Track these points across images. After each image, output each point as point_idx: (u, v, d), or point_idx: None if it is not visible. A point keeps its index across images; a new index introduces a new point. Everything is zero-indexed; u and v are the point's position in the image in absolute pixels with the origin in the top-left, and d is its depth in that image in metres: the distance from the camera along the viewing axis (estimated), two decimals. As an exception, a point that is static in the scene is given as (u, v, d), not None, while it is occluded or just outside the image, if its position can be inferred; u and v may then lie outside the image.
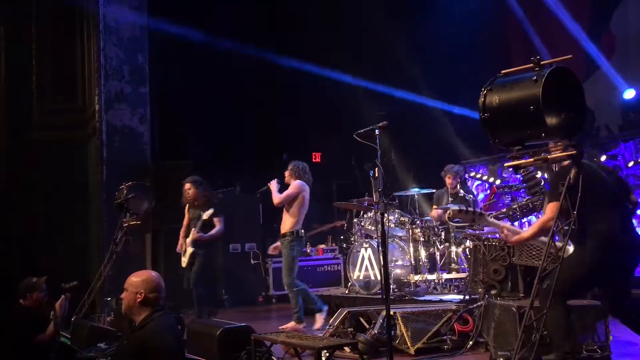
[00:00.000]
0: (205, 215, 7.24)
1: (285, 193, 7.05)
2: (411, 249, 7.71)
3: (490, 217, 4.73)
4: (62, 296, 5.03)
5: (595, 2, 9.84)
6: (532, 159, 4.06)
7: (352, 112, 10.68)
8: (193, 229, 7.30)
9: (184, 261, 7.36)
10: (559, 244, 4.16)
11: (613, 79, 8.95)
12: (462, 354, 5.39)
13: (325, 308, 7.02)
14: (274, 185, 7.12)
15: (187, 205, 7.59)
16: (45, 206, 9.18)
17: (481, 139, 4.41)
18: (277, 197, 7.04)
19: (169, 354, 3.53)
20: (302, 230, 7.11)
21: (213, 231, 7.31)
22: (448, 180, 8.01)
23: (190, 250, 7.28)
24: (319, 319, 6.89)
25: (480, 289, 5.96)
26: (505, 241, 4.43)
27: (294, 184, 7.09)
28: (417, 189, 8.45)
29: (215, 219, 7.35)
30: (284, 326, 6.91)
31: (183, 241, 7.45)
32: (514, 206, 6.60)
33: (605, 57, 9.35)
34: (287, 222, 7.04)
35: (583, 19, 9.66)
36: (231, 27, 10.84)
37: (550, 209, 4.14)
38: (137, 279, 3.76)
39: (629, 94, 8.77)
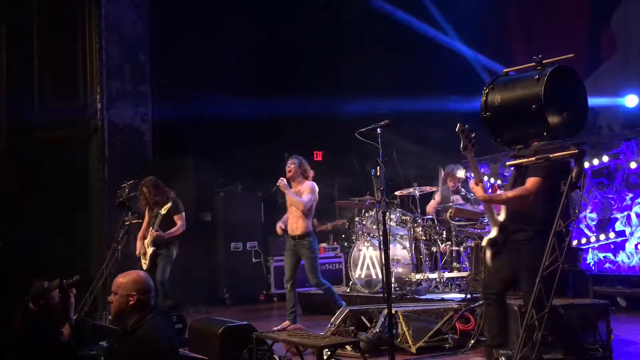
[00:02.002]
0: (164, 210, 6.99)
1: (309, 199, 6.87)
2: (413, 248, 7.71)
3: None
4: (71, 296, 4.85)
5: (595, 1, 9.82)
6: (533, 158, 4.06)
7: (355, 109, 10.67)
8: (151, 228, 7.09)
9: (145, 263, 7.14)
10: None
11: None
12: (464, 353, 5.39)
13: (344, 304, 6.89)
14: (286, 185, 6.85)
15: (147, 208, 7.35)
16: (46, 205, 9.18)
17: (483, 138, 4.41)
18: (301, 203, 6.80)
19: (163, 358, 3.48)
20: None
21: (173, 229, 7.10)
22: (450, 183, 8.04)
23: (150, 250, 7.07)
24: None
25: (481, 288, 5.96)
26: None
27: (312, 187, 6.95)
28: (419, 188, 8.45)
29: (176, 217, 7.15)
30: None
31: (141, 244, 7.22)
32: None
33: (606, 56, 9.34)
34: (303, 223, 6.88)
35: (583, 18, 9.65)
36: (233, 25, 10.84)
37: (533, 183, 3.99)
38: (127, 281, 3.59)
39: (631, 101, 8.61)
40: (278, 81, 11.24)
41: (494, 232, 4.24)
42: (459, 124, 4.10)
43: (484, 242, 4.31)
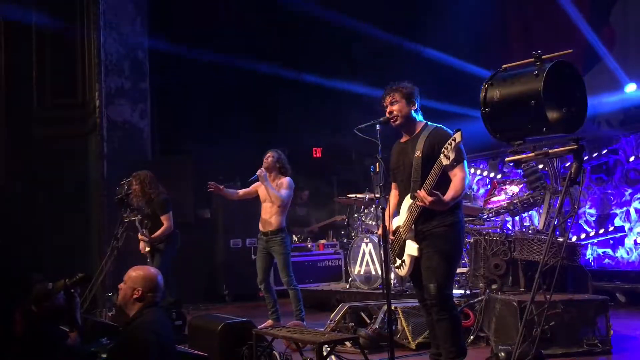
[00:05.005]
0: (133, 216, 6.95)
1: (287, 194, 6.66)
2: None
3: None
4: (76, 296, 4.68)
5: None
6: (533, 154, 4.06)
7: (353, 106, 10.67)
8: (141, 230, 7.05)
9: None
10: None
11: (614, 72, 8.87)
12: (463, 349, 5.39)
13: (304, 322, 6.55)
14: (265, 176, 6.61)
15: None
16: (45, 202, 9.19)
17: (482, 134, 4.41)
18: (279, 198, 6.58)
19: (150, 351, 3.48)
20: None
21: (159, 231, 6.95)
22: None
23: (148, 248, 7.00)
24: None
25: (481, 284, 5.97)
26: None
27: (289, 183, 6.74)
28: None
29: (162, 217, 7.00)
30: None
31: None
32: (515, 201, 6.61)
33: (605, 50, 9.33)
34: (277, 219, 6.66)
35: (583, 13, 9.64)
36: (232, 21, 10.83)
37: (464, 169, 4.11)
38: (137, 275, 3.70)
39: (631, 88, 8.71)
40: (278, 79, 11.23)
41: (414, 244, 4.17)
42: None
43: (414, 253, 4.16)
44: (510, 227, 7.00)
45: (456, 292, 6.79)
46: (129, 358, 3.56)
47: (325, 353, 4.40)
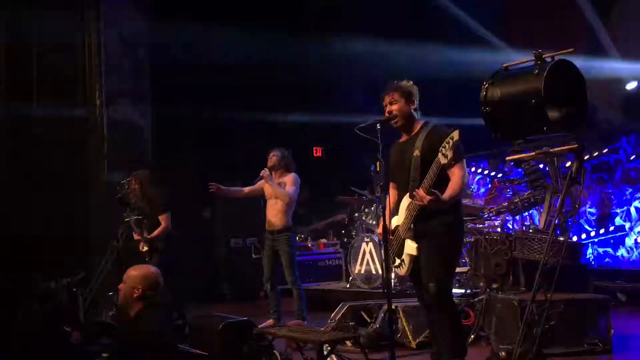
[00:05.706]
0: (133, 216, 6.91)
1: (294, 190, 6.72)
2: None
3: None
4: (79, 295, 4.67)
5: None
6: (533, 153, 4.06)
7: (353, 105, 10.66)
8: (136, 231, 7.02)
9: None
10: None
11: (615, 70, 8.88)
12: (464, 348, 5.38)
13: (306, 323, 6.62)
14: (270, 176, 6.67)
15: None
16: (45, 202, 9.17)
17: (482, 133, 4.40)
18: (286, 195, 6.64)
19: (152, 350, 3.51)
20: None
21: (156, 231, 6.94)
22: None
23: (146, 247, 6.99)
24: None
25: (481, 283, 5.98)
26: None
27: (295, 179, 6.80)
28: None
29: (161, 217, 7.00)
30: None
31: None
32: (516, 200, 6.61)
33: (607, 47, 9.33)
34: (283, 217, 6.69)
35: (584, 12, 9.63)
36: (233, 21, 10.82)
37: (463, 167, 4.12)
38: (137, 274, 3.74)
39: (631, 86, 8.71)
40: (278, 77, 11.23)
41: (413, 244, 4.16)
42: None
43: (413, 252, 4.14)
44: (511, 226, 7.00)
45: (456, 291, 6.80)
46: (131, 357, 3.57)
47: (325, 352, 4.40)
